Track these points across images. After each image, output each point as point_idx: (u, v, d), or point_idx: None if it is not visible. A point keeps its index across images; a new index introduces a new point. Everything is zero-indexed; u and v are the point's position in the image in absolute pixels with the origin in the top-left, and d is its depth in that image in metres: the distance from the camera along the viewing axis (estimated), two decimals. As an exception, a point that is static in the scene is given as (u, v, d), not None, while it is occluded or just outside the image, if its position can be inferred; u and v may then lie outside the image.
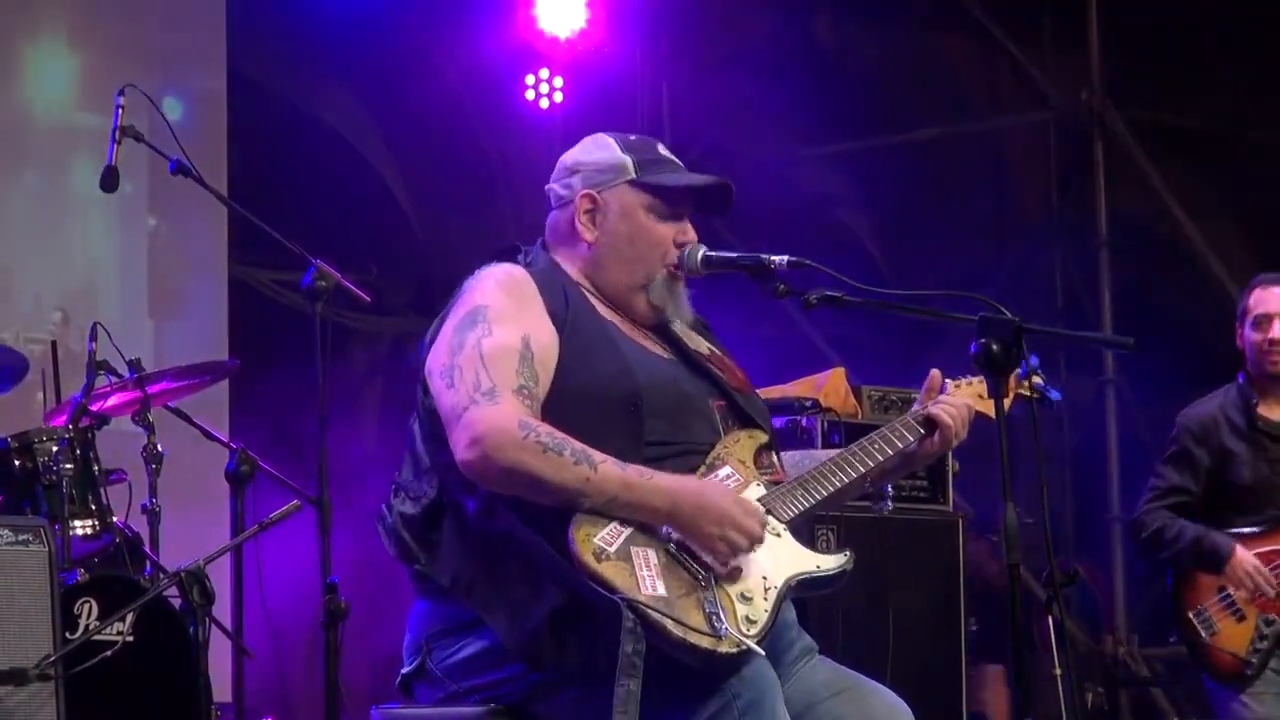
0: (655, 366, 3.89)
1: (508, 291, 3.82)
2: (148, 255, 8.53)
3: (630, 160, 3.96)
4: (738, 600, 3.60)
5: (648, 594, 3.53)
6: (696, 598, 3.57)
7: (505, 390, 3.65)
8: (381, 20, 8.94)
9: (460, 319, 3.77)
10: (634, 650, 3.46)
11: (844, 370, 6.54)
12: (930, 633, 6.30)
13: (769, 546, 3.71)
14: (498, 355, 3.69)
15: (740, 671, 3.55)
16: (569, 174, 3.99)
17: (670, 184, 3.97)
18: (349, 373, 8.00)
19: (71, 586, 5.22)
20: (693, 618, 3.53)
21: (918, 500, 6.36)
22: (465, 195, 9.26)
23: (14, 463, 5.69)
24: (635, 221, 3.93)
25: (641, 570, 3.56)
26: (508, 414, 3.62)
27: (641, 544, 3.60)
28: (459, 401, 3.65)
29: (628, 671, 3.47)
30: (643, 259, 3.93)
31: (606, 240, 3.93)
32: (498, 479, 3.62)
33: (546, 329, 3.77)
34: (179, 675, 5.27)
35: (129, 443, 6.19)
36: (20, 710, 4.45)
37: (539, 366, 3.72)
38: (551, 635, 3.60)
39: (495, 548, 3.68)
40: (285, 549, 5.76)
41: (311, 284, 4.76)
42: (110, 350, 6.05)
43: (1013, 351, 3.78)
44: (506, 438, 3.59)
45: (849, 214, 10.07)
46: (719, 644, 3.53)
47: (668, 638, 3.50)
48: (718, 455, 3.85)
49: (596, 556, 3.55)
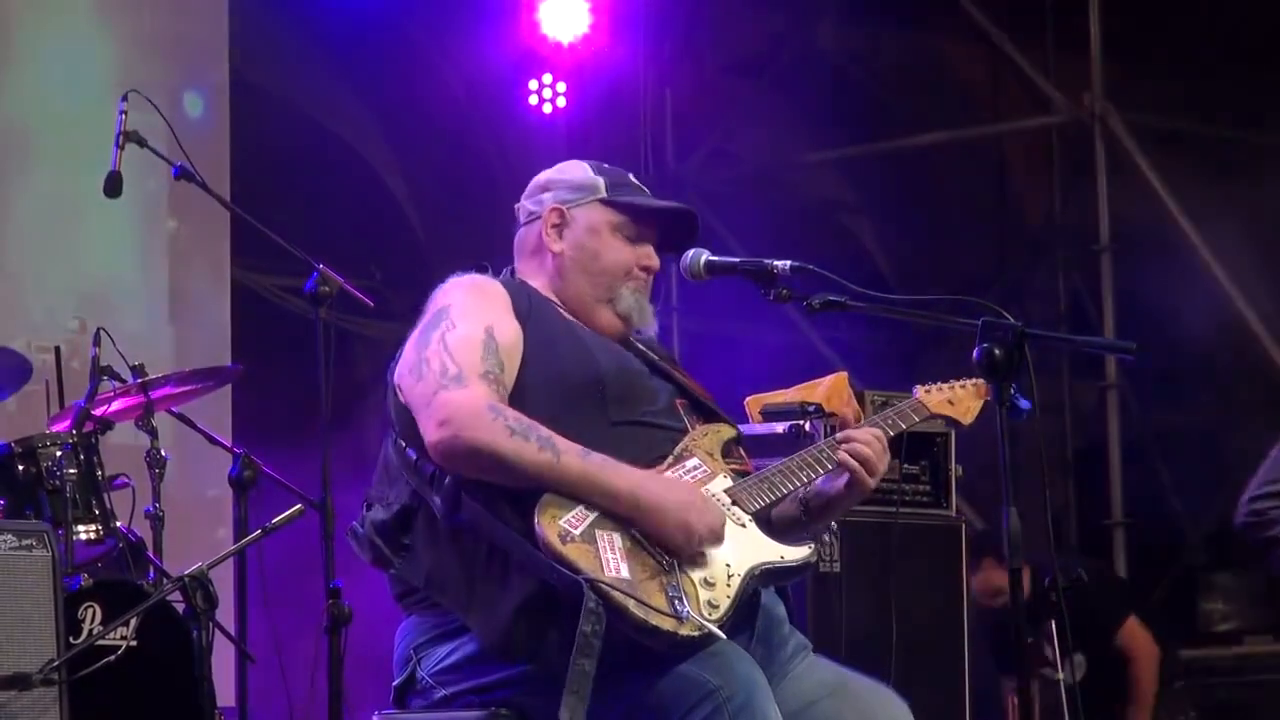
0: (617, 354, 3.95)
1: (471, 292, 3.89)
2: (168, 259, 8.54)
3: (602, 181, 4.02)
4: (700, 585, 3.64)
5: (611, 576, 3.57)
6: (660, 581, 3.61)
7: (472, 375, 3.71)
8: (385, 25, 8.95)
9: (426, 321, 3.84)
10: (592, 630, 3.50)
11: (847, 375, 6.54)
12: (933, 636, 6.30)
13: (734, 536, 3.75)
14: (462, 344, 3.75)
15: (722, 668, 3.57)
16: (540, 191, 4.07)
17: (640, 204, 4.01)
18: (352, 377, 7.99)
19: (75, 591, 5.22)
20: (655, 600, 3.57)
21: (921, 505, 6.36)
22: (468, 200, 9.27)
23: (17, 467, 5.69)
24: (601, 239, 3.98)
25: (606, 553, 3.60)
26: (476, 396, 3.68)
27: (607, 528, 3.65)
28: (427, 389, 3.72)
29: (584, 651, 3.51)
30: (606, 274, 3.98)
31: (572, 253, 3.98)
32: (465, 459, 3.66)
33: (510, 323, 3.83)
34: (182, 680, 5.26)
35: (132, 448, 6.19)
36: (24, 715, 4.45)
37: (504, 355, 3.77)
38: (522, 626, 3.64)
39: (464, 543, 3.72)
40: (288, 554, 5.76)
41: (314, 289, 4.76)
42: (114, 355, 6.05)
43: (1015, 356, 3.78)
44: (474, 418, 3.65)
45: (852, 218, 10.08)
46: (680, 626, 3.56)
47: (630, 619, 3.53)
48: (685, 447, 3.88)
49: (561, 538, 3.59)
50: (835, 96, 9.75)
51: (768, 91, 9.78)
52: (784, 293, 3.95)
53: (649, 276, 4.03)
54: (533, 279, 4.01)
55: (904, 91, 9.79)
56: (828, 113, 9.84)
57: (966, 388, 4.15)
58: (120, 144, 5.37)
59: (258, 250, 8.06)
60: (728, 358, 8.52)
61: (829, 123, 9.89)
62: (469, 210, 9.18)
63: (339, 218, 8.64)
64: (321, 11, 8.81)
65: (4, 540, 4.52)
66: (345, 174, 9.29)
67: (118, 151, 5.37)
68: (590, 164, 4.07)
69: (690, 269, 4.01)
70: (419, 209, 9.62)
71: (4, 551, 4.51)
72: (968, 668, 6.36)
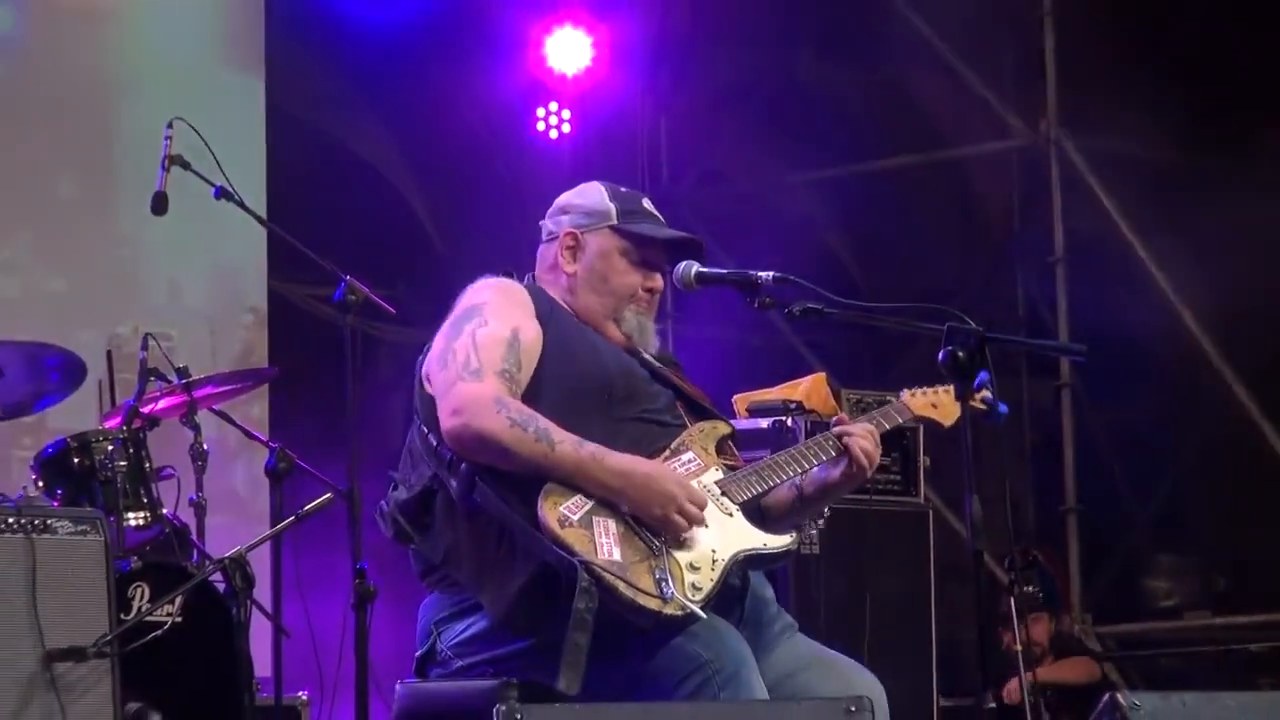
0: (624, 359, 3.97)
1: (501, 293, 3.91)
2: (209, 271, 8.56)
3: (615, 208, 4.04)
4: (686, 569, 3.66)
5: (604, 559, 3.60)
6: (649, 564, 3.63)
7: (489, 371, 3.74)
8: (407, 59, 8.94)
9: (457, 315, 3.87)
10: (585, 608, 3.53)
11: (825, 375, 6.54)
12: (902, 614, 6.30)
13: (721, 524, 3.77)
14: (489, 342, 3.77)
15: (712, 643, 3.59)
16: (560, 213, 4.09)
17: (646, 234, 4.02)
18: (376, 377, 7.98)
19: (125, 573, 5.23)
20: (643, 581, 3.60)
21: (892, 493, 6.36)
22: (482, 218, 9.26)
23: (73, 460, 5.70)
24: (609, 263, 4.00)
25: (601, 538, 3.63)
26: (487, 390, 3.71)
27: (603, 515, 3.68)
28: (448, 378, 3.76)
29: (578, 626, 3.53)
30: (613, 295, 4.00)
31: (583, 274, 4.01)
32: (473, 446, 3.69)
33: (532, 325, 3.86)
34: (223, 652, 5.27)
35: (178, 442, 6.19)
36: (80, 684, 4.44)
37: (523, 356, 3.80)
38: (526, 604, 3.66)
39: (478, 523, 3.75)
40: (319, 538, 5.75)
41: (343, 298, 4.76)
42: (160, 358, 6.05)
43: (977, 358, 3.78)
44: (482, 409, 3.68)
45: (830, 233, 10.06)
46: (665, 606, 3.59)
47: (619, 598, 3.56)
48: (682, 441, 3.91)
49: (560, 523, 3.62)
50: (813, 123, 9.74)
51: (753, 119, 9.78)
52: (767, 301, 3.96)
53: (653, 299, 4.04)
54: (550, 289, 4.03)
55: (876, 118, 9.77)
56: (807, 138, 9.83)
57: (950, 393, 4.15)
58: (166, 166, 5.36)
59: (291, 263, 8.04)
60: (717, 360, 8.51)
61: (808, 147, 9.88)
62: (482, 226, 9.17)
63: (365, 233, 8.63)
64: (350, 47, 8.82)
65: (61, 526, 4.52)
66: (370, 193, 9.28)
67: (163, 174, 5.37)
68: (607, 188, 4.07)
69: (682, 280, 4.03)
70: (437, 225, 9.61)
71: (61, 536, 4.51)
72: (934, 639, 6.36)
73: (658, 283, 4.04)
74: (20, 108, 8.07)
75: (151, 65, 8.47)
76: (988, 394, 3.93)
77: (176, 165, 5.36)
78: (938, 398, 4.19)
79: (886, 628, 6.09)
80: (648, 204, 4.09)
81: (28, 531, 4.45)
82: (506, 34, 9.38)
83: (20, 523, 4.45)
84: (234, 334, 8.58)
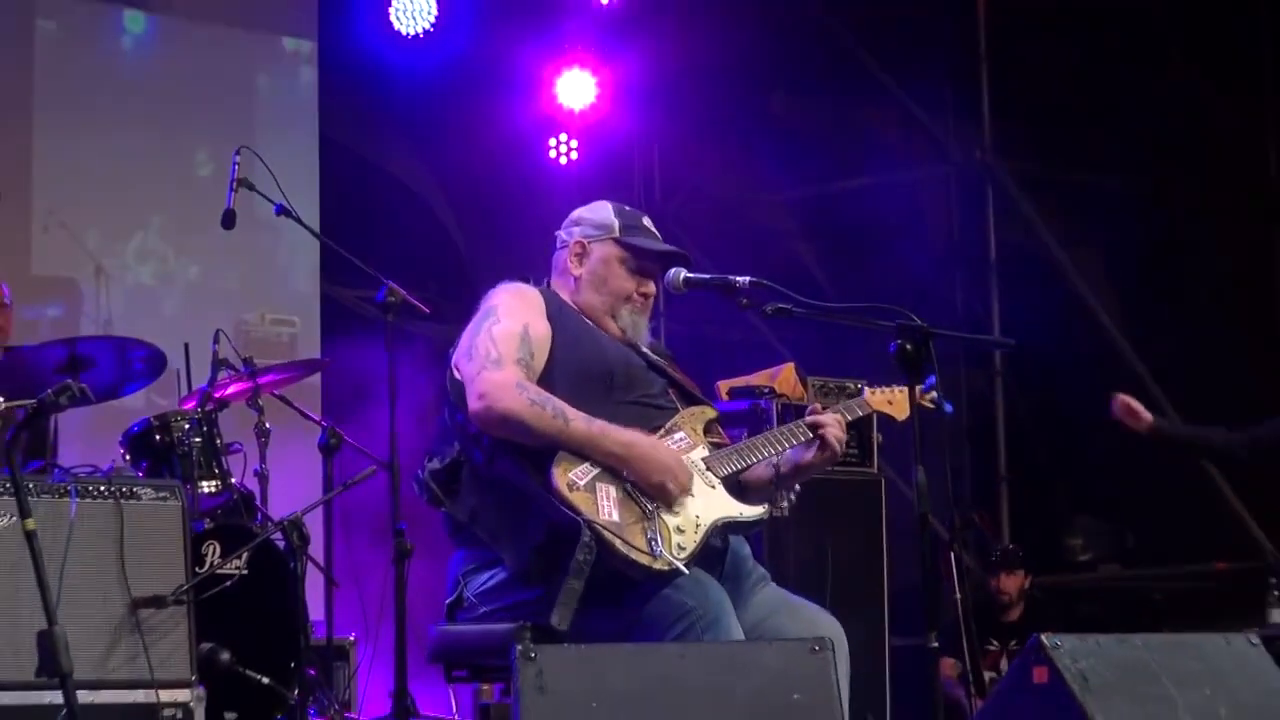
0: (623, 351, 3.98)
1: (514, 295, 3.93)
2: (272, 276, 8.58)
3: (618, 223, 4.05)
4: (674, 531, 3.67)
5: (604, 519, 3.61)
6: (642, 526, 3.64)
7: (508, 360, 3.75)
8: (439, 97, 8.95)
9: (480, 315, 3.89)
10: (584, 559, 3.55)
11: (794, 365, 6.54)
12: (859, 567, 6.30)
13: (705, 494, 3.77)
14: (504, 336, 3.79)
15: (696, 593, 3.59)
16: (573, 224, 4.11)
17: (642, 246, 4.03)
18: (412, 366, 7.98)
19: (200, 533, 5.25)
20: (637, 540, 3.61)
21: (850, 465, 6.36)
22: (502, 231, 9.25)
23: (155, 437, 5.71)
24: (610, 268, 4.02)
25: (602, 501, 3.64)
26: (508, 376, 3.72)
27: (606, 481, 3.69)
28: (474, 367, 3.76)
29: (576, 574, 3.55)
30: (612, 296, 4.02)
31: (586, 276, 4.02)
32: (497, 423, 3.70)
33: (542, 322, 3.87)
34: (282, 600, 5.27)
35: (244, 421, 6.19)
36: (160, 627, 4.45)
37: (535, 347, 3.81)
38: (538, 558, 3.67)
39: (499, 489, 3.76)
40: (364, 503, 5.76)
41: (384, 299, 4.76)
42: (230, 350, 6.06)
43: (922, 350, 3.79)
44: (505, 392, 3.69)
45: (797, 244, 10.05)
46: (654, 562, 3.60)
47: (615, 553, 3.57)
48: (675, 423, 3.92)
49: (569, 487, 3.64)
50: (783, 150, 9.74)
51: (732, 147, 9.77)
52: (744, 302, 3.96)
53: (646, 301, 4.05)
54: (561, 291, 4.04)
55: (836, 146, 9.76)
56: (779, 162, 9.83)
57: (904, 392, 4.15)
58: (234, 188, 5.36)
59: (340, 269, 8.05)
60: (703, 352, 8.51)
61: (780, 170, 9.88)
62: (502, 238, 9.17)
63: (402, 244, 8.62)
64: (391, 87, 8.83)
65: (145, 493, 4.53)
66: (407, 211, 9.28)
67: (232, 194, 5.36)
68: (614, 206, 4.09)
69: (672, 284, 4.04)
70: (463, 237, 9.60)
71: (145, 502, 4.51)
72: (886, 589, 6.36)
73: (650, 288, 4.05)
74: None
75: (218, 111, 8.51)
76: (935, 394, 3.94)
77: (244, 187, 5.36)
78: (893, 395, 4.20)
79: (846, 579, 6.10)
80: (647, 222, 4.11)
81: (117, 498, 4.45)
82: (523, 76, 9.37)
83: (111, 490, 4.46)
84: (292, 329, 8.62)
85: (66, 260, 8.02)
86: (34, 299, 7.83)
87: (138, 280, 8.23)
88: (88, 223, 8.06)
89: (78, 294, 8.03)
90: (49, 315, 7.93)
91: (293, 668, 5.26)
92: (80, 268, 8.04)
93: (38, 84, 8.00)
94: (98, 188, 8.07)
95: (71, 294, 8.02)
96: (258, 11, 8.67)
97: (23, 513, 3.75)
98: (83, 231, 8.04)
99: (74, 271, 8.03)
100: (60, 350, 5.68)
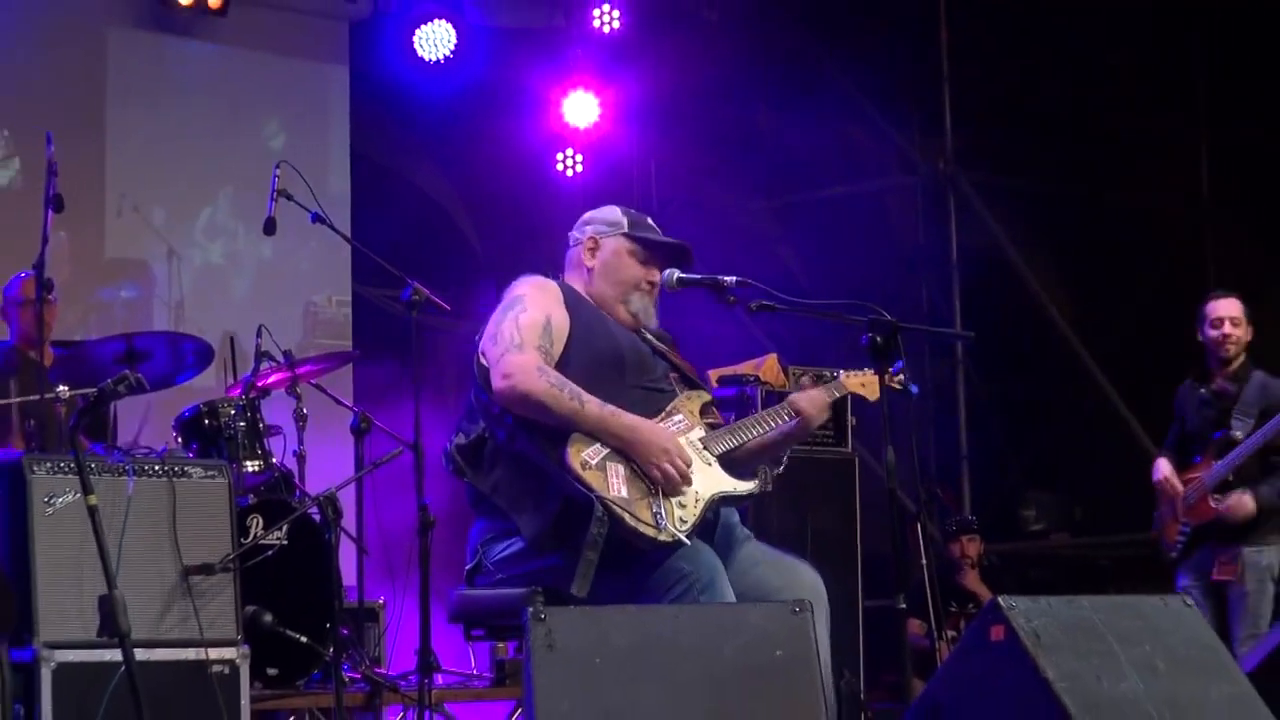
0: (632, 339, 3.97)
1: (537, 288, 3.91)
2: (307, 277, 8.54)
3: (627, 221, 4.06)
4: (676, 506, 3.67)
5: (614, 495, 3.60)
6: (648, 501, 3.64)
7: (530, 346, 3.73)
8: (459, 117, 8.97)
9: (505, 304, 3.86)
10: (598, 533, 3.55)
11: (776, 355, 6.55)
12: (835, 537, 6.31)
13: (703, 471, 3.77)
14: (528, 324, 3.77)
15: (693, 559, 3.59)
16: (584, 224, 4.10)
17: (650, 239, 4.03)
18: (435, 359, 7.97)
19: (244, 507, 5.25)
20: (643, 514, 3.60)
21: (826, 445, 6.36)
22: (515, 236, 9.26)
23: (204, 422, 5.72)
24: (620, 259, 4.01)
25: (612, 478, 3.63)
26: (530, 359, 3.70)
27: (616, 461, 3.67)
28: (499, 350, 3.74)
29: (591, 546, 3.55)
30: (623, 284, 4.01)
31: (599, 268, 4.01)
32: (519, 403, 3.68)
33: (561, 312, 3.85)
34: (318, 567, 5.28)
35: (284, 407, 6.19)
36: (209, 592, 4.46)
37: (554, 335, 3.79)
38: (553, 530, 3.66)
39: (519, 464, 3.74)
40: (392, 480, 5.76)
41: (409, 297, 4.77)
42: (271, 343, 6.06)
43: (891, 342, 3.80)
44: (527, 374, 3.68)
45: (783, 248, 10.04)
46: (659, 534, 3.60)
47: (624, 526, 3.57)
48: (675, 406, 3.91)
49: (582, 466, 3.63)
50: (769, 162, 9.74)
51: (722, 161, 9.77)
52: (732, 299, 3.97)
53: (653, 289, 4.04)
54: (575, 284, 4.02)
55: (815, 158, 9.75)
56: (765, 173, 9.84)
57: (875, 375, 4.15)
58: (275, 198, 5.37)
59: (369, 271, 8.05)
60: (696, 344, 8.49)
61: (766, 181, 9.89)
62: (516, 243, 9.16)
63: (424, 247, 8.64)
64: (414, 107, 8.84)
65: (195, 471, 4.54)
66: (429, 217, 9.29)
67: (273, 204, 5.37)
68: (622, 209, 4.10)
69: (667, 283, 4.04)
70: (481, 242, 9.60)
71: (195, 480, 4.52)
72: (860, 555, 6.37)
73: (657, 276, 4.04)
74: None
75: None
76: (903, 377, 3.94)
77: (283, 197, 5.37)
78: (866, 379, 4.19)
79: (823, 547, 6.10)
80: (651, 223, 4.12)
81: (170, 476, 4.46)
82: (533, 97, 9.37)
83: (164, 469, 4.47)
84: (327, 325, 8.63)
85: (138, 243, 7.98)
86: (108, 282, 7.82)
87: (206, 259, 8.20)
88: (153, 203, 8.00)
89: (149, 276, 8.00)
90: (122, 297, 7.90)
91: (328, 628, 5.27)
92: (151, 249, 8.00)
93: (111, 80, 7.92)
94: (165, 166, 7.97)
95: (144, 276, 7.99)
96: (295, 41, 8.67)
97: (85, 490, 3.76)
98: (149, 211, 7.97)
99: (145, 254, 7.99)
100: (119, 344, 5.69)
